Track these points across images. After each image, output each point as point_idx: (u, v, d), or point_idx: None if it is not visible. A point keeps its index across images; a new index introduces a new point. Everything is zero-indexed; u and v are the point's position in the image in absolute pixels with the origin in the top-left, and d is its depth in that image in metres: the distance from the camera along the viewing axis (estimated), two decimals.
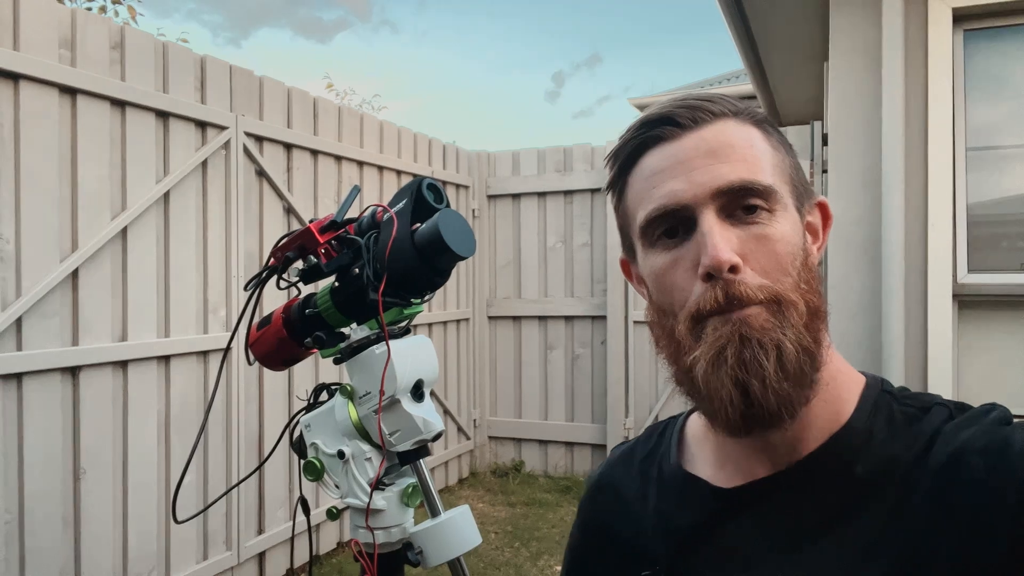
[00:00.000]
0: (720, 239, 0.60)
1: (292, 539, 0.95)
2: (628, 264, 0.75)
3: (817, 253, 0.68)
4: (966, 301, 2.77)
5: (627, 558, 0.73)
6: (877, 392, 0.66)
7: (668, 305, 0.65)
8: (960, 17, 2.75)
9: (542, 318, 5.41)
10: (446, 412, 5.11)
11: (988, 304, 2.76)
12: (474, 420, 5.49)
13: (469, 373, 5.42)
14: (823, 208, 0.70)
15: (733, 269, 0.59)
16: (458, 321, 5.26)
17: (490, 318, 5.56)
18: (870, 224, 2.82)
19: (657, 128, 0.66)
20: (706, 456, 0.73)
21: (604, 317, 5.20)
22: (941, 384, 2.71)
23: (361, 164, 4.20)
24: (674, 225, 0.64)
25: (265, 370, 3.44)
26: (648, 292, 0.70)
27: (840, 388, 0.65)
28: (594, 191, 5.24)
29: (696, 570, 0.67)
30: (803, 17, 3.77)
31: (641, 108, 11.09)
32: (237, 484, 1.09)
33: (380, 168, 4.39)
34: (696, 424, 0.78)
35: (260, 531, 3.42)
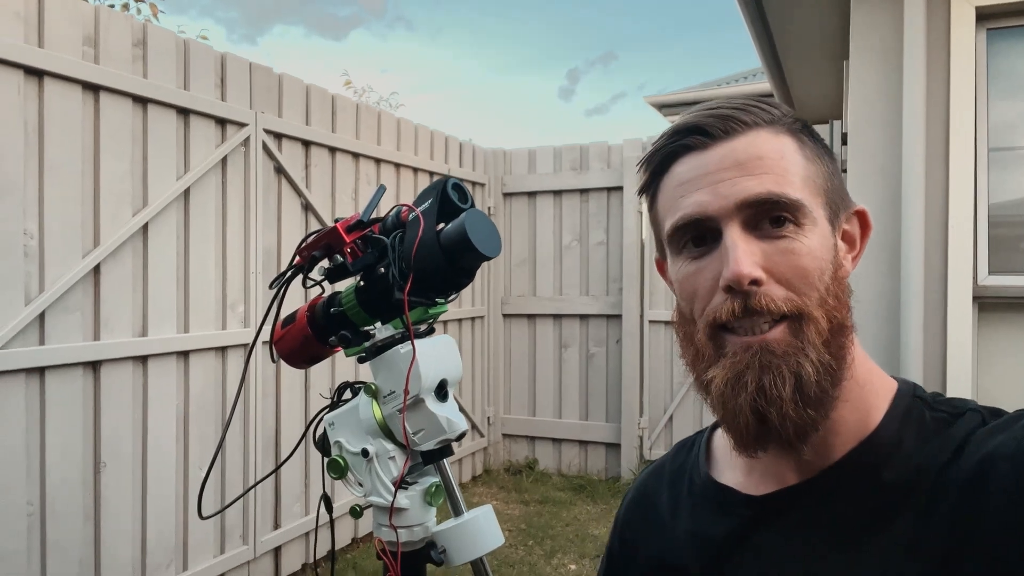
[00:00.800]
0: (743, 253, 0.60)
1: (316, 531, 0.95)
2: (662, 264, 0.76)
3: (853, 263, 0.67)
4: (987, 303, 2.74)
5: (661, 570, 0.74)
6: (909, 398, 0.66)
7: (689, 312, 0.66)
8: (983, 16, 2.71)
9: (557, 316, 5.41)
10: (460, 409, 5.11)
11: (1009, 306, 2.73)
12: (488, 418, 5.50)
13: (483, 371, 5.43)
14: (862, 217, 0.69)
15: (755, 282, 0.60)
16: (473, 319, 5.27)
17: (505, 316, 5.57)
18: (889, 224, 2.80)
19: (687, 137, 0.66)
20: (735, 463, 0.73)
21: (619, 316, 5.19)
22: (960, 387, 2.68)
23: (378, 161, 4.22)
24: (701, 234, 0.64)
25: (282, 367, 3.46)
26: (676, 297, 0.71)
27: (870, 394, 0.65)
28: (610, 189, 5.23)
29: None
30: (823, 14, 3.74)
31: (657, 107, 11.04)
32: (258, 483, 1.10)
33: (397, 165, 4.40)
34: (723, 434, 0.79)
35: (276, 526, 3.45)
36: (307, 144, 3.65)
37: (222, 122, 3.15)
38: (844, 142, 3.85)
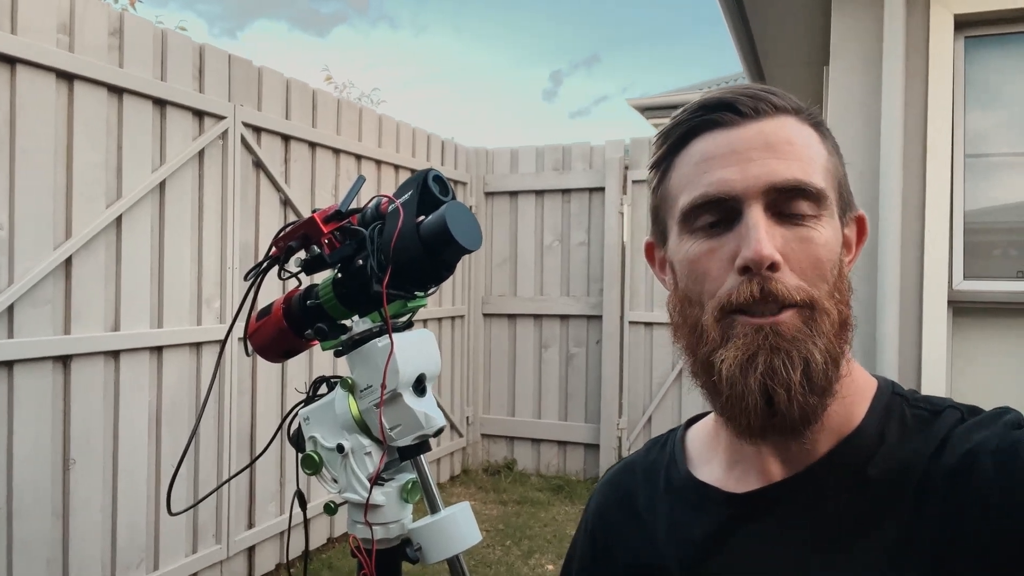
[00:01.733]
0: (765, 234, 0.59)
1: (288, 531, 0.94)
2: (654, 248, 0.73)
3: (848, 266, 0.66)
4: (961, 308, 2.77)
5: (641, 570, 0.72)
6: (889, 395, 0.66)
7: (696, 294, 0.63)
8: (962, 24, 2.75)
9: (537, 316, 5.40)
10: (438, 405, 5.09)
11: (983, 311, 2.76)
12: (467, 417, 5.47)
13: (463, 370, 5.41)
14: (860, 222, 0.69)
15: (773, 267, 0.58)
16: (453, 318, 5.25)
17: (485, 315, 5.55)
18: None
19: (716, 113, 0.63)
20: (715, 459, 0.72)
21: (600, 317, 5.20)
22: (935, 390, 2.71)
23: (359, 158, 4.18)
24: (718, 216, 0.62)
25: (259, 363, 3.42)
26: (674, 279, 0.68)
27: (853, 391, 0.65)
28: (592, 190, 5.23)
29: None
30: (804, 21, 3.77)
31: (640, 109, 11.09)
32: (231, 478, 1.08)
33: (378, 162, 4.37)
34: (701, 430, 0.78)
35: (250, 525, 3.40)
36: (287, 138, 3.61)
37: (200, 114, 3.10)
38: None
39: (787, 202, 0.60)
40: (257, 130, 3.41)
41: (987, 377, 2.76)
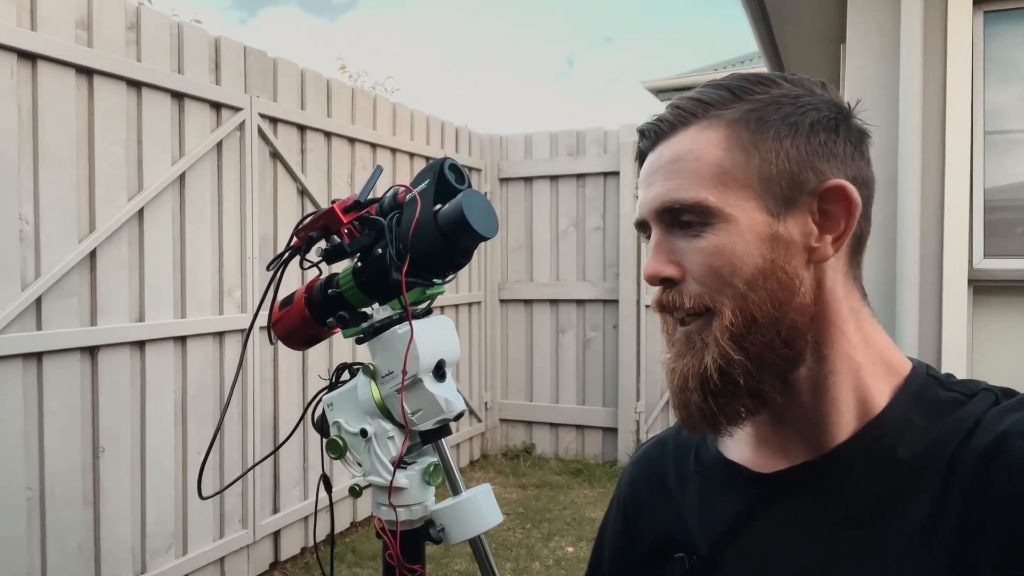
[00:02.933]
0: (653, 254, 0.66)
1: (315, 515, 0.96)
2: None
3: (834, 245, 0.64)
4: (982, 287, 2.75)
5: (668, 544, 0.73)
6: (923, 377, 0.66)
7: None
8: None
9: (554, 302, 5.41)
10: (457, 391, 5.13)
11: (1004, 290, 2.74)
12: (485, 403, 5.52)
13: (481, 356, 5.45)
14: (837, 192, 0.63)
15: (669, 280, 0.66)
16: (470, 304, 5.27)
17: (502, 301, 5.57)
18: (885, 208, 2.80)
19: (641, 140, 0.71)
20: (744, 439, 0.73)
21: (616, 301, 5.20)
22: (955, 370, 2.68)
23: (374, 146, 4.20)
24: (647, 232, 0.70)
25: (280, 352, 3.47)
26: None
27: (873, 375, 0.65)
28: (607, 175, 5.22)
29: (740, 557, 0.67)
30: None
31: (654, 91, 11.00)
32: (257, 463, 1.11)
33: (393, 151, 4.39)
34: None
35: (275, 510, 3.47)
36: (302, 129, 3.63)
37: (217, 106, 3.13)
38: None
39: (675, 218, 0.65)
40: (273, 121, 3.44)
41: (1009, 357, 2.74)
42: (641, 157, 0.72)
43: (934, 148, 2.74)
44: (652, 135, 0.68)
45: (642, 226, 0.70)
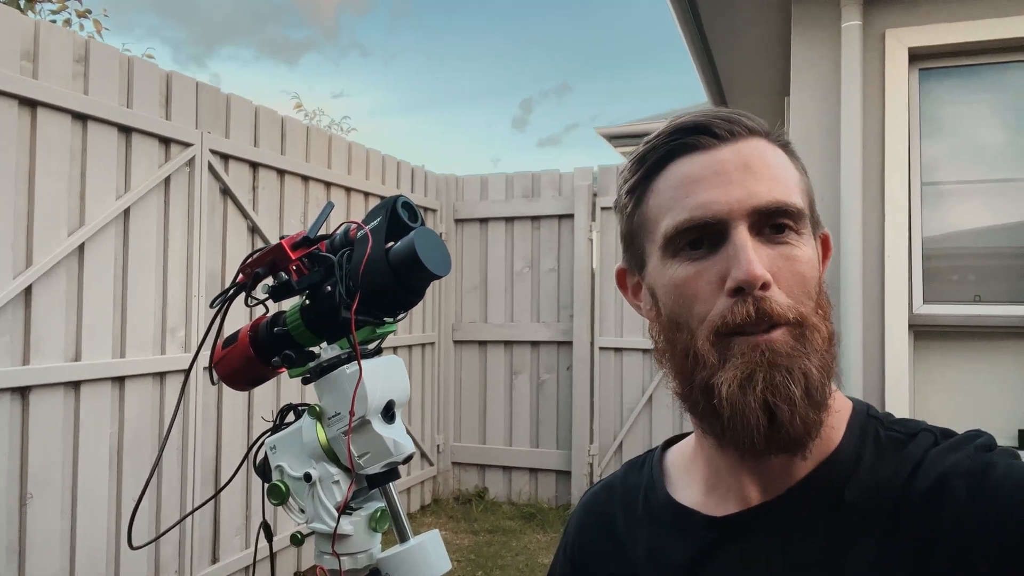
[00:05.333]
0: (752, 256, 0.59)
1: (253, 566, 0.91)
2: (627, 275, 0.73)
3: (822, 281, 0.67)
4: (922, 332, 2.84)
5: None
6: (864, 417, 0.66)
7: (684, 318, 0.63)
8: (916, 56, 2.85)
9: (508, 343, 5.39)
10: (407, 432, 5.04)
11: (942, 335, 2.83)
12: (438, 446, 5.42)
13: (433, 398, 5.37)
14: (825, 241, 0.69)
15: (764, 286, 0.59)
16: (423, 345, 5.22)
17: (455, 342, 5.53)
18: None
19: (692, 136, 0.64)
20: (694, 482, 0.72)
21: (570, 343, 5.21)
22: (898, 412, 2.76)
23: (328, 185, 4.17)
24: (702, 238, 0.62)
25: (224, 393, 3.36)
26: (654, 305, 0.67)
27: (832, 412, 0.64)
28: (561, 217, 5.28)
29: None
30: (766, 52, 3.88)
31: (608, 138, 11.25)
32: (195, 510, 1.05)
33: (348, 189, 4.36)
34: (679, 453, 0.77)
35: (214, 560, 3.31)
36: (255, 166, 3.59)
37: (166, 141, 3.08)
38: None
39: (770, 222, 0.61)
40: (225, 157, 3.39)
41: (948, 398, 2.82)
42: (671, 155, 0.65)
43: (874, 198, 2.85)
44: (724, 133, 0.63)
45: (701, 227, 0.61)
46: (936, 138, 2.88)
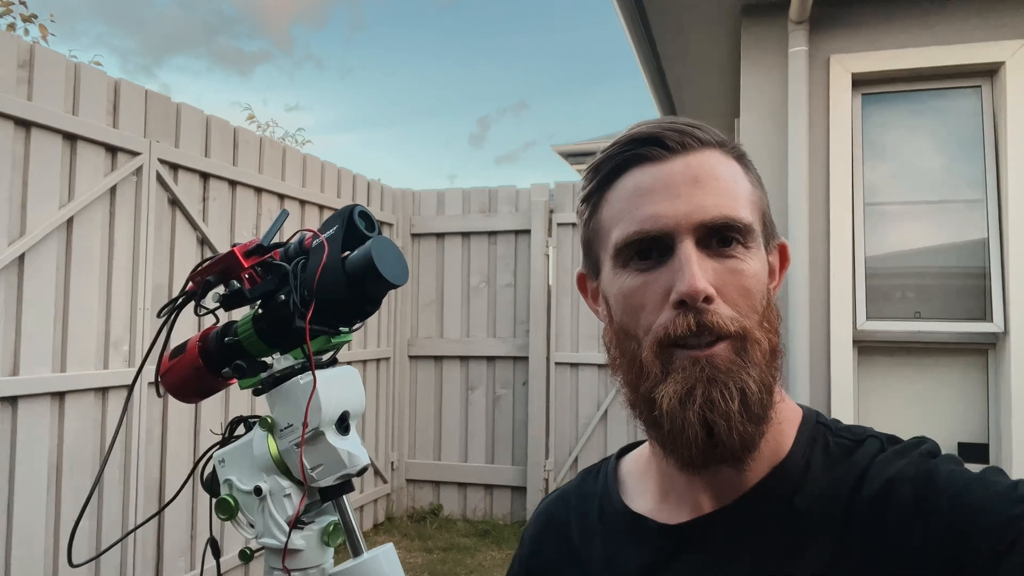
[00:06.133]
0: (697, 268, 0.60)
1: None
2: (586, 279, 0.73)
3: (773, 292, 0.67)
4: (865, 347, 2.93)
5: None
6: (813, 424, 0.67)
7: (632, 328, 0.64)
8: (859, 82, 2.96)
9: (464, 358, 5.37)
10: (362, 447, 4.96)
11: (884, 350, 2.93)
12: (392, 463, 5.35)
13: (388, 414, 5.31)
14: (783, 250, 0.70)
15: (707, 299, 0.59)
16: (378, 360, 5.16)
17: (411, 357, 5.48)
18: None
19: (643, 147, 0.64)
20: (648, 489, 0.72)
21: (526, 358, 5.22)
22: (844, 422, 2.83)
23: (282, 197, 4.11)
24: (650, 249, 0.63)
25: (170, 409, 3.26)
26: (608, 312, 0.68)
27: (782, 420, 0.66)
28: (518, 232, 5.30)
29: None
30: (717, 73, 3.98)
31: (564, 155, 11.37)
32: (138, 526, 1.02)
33: (302, 202, 4.31)
34: (633, 461, 0.78)
35: None
36: (205, 176, 3.52)
37: (113, 150, 3.00)
38: None
39: (716, 236, 0.62)
40: (174, 167, 3.32)
41: (891, 411, 2.91)
42: (625, 165, 0.65)
43: (820, 217, 2.94)
44: (675, 145, 0.63)
45: (649, 242, 0.62)
46: (878, 161, 2.99)
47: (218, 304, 0.84)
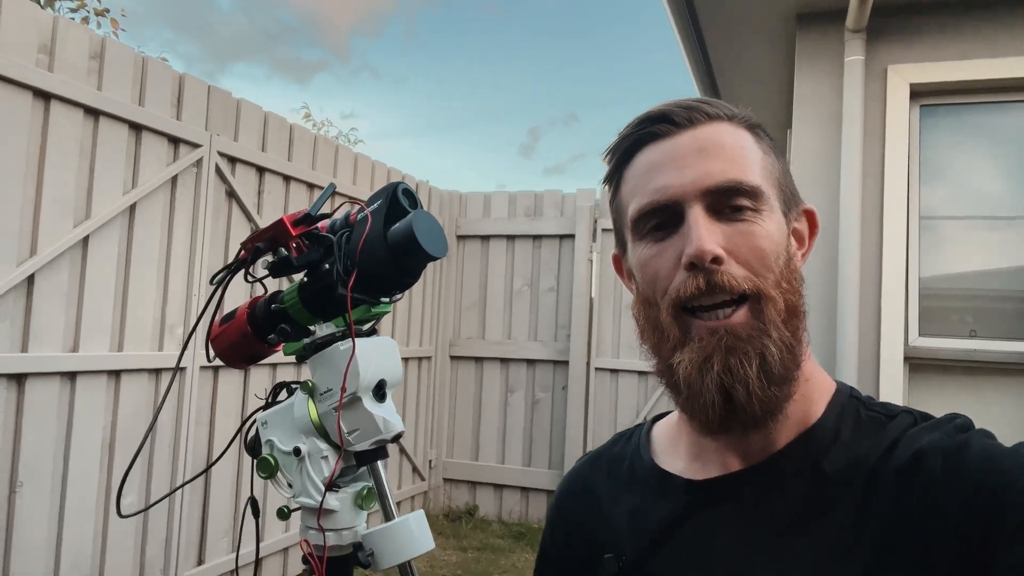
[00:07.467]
0: (704, 231, 0.62)
1: (236, 572, 0.91)
2: (620, 260, 0.77)
3: (803, 259, 0.70)
4: (917, 364, 2.85)
5: (600, 553, 0.73)
6: (846, 397, 0.69)
7: (652, 294, 0.67)
8: (917, 93, 2.90)
9: (504, 360, 5.40)
10: (402, 451, 5.03)
11: (937, 368, 2.84)
12: (430, 461, 5.40)
13: (427, 412, 5.36)
14: (810, 216, 0.73)
15: (716, 260, 0.62)
16: (420, 359, 5.22)
17: (452, 358, 5.53)
18: (827, 286, 2.90)
19: (654, 125, 0.68)
20: (678, 451, 0.74)
21: (566, 362, 5.21)
22: None
23: (333, 193, 4.20)
24: (663, 220, 0.66)
25: (219, 393, 3.36)
26: (636, 285, 0.71)
27: (812, 389, 0.68)
28: (563, 237, 5.31)
29: (667, 561, 0.68)
30: (769, 83, 3.94)
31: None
32: (186, 483, 1.07)
33: (352, 199, 4.38)
34: (665, 425, 0.80)
35: (200, 562, 3.29)
36: (261, 170, 3.63)
37: (175, 141, 3.12)
38: None
39: (725, 200, 0.64)
40: (232, 160, 3.43)
41: None
42: (638, 143, 0.68)
43: (872, 231, 2.88)
44: (683, 120, 0.66)
45: (659, 211, 0.65)
46: (936, 175, 2.91)
47: (267, 272, 0.88)
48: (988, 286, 2.83)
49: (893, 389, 2.80)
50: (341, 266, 0.83)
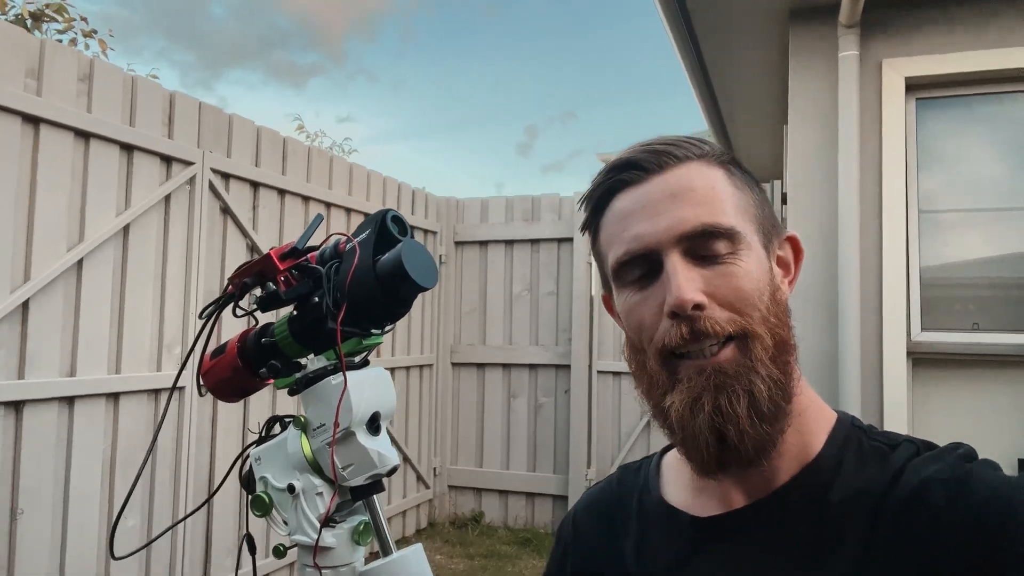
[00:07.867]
0: (684, 279, 0.62)
1: None
2: (609, 300, 0.77)
3: (789, 287, 0.70)
4: (920, 359, 2.83)
5: None
6: (848, 427, 0.68)
7: (638, 341, 0.67)
8: (913, 86, 2.88)
9: (506, 366, 5.38)
10: (406, 460, 5.01)
11: (942, 362, 2.82)
12: (434, 469, 5.38)
13: (430, 420, 5.35)
14: (793, 242, 0.73)
15: (698, 307, 0.61)
16: (421, 367, 5.20)
17: (453, 364, 5.52)
18: (827, 283, 2.89)
19: (623, 173, 0.68)
20: (684, 484, 0.74)
21: (568, 366, 5.20)
22: None
23: (329, 205, 4.19)
24: (641, 267, 0.66)
25: (219, 413, 3.34)
26: (624, 330, 0.72)
27: (811, 420, 0.67)
28: (561, 240, 5.30)
29: None
30: (764, 82, 3.92)
31: (605, 161, 11.37)
32: (184, 519, 1.05)
33: (348, 210, 4.38)
34: (672, 457, 0.80)
35: None
36: (255, 185, 3.61)
37: (168, 160, 3.10)
38: (784, 201, 4.00)
39: (701, 245, 0.64)
40: (226, 176, 3.41)
41: (946, 424, 2.80)
42: (611, 191, 0.68)
43: (871, 226, 2.86)
44: (652, 165, 0.66)
45: (638, 260, 0.65)
46: (933, 167, 2.90)
47: (255, 306, 0.87)
48: (989, 276, 2.82)
49: (897, 384, 2.79)
50: (331, 299, 0.81)
